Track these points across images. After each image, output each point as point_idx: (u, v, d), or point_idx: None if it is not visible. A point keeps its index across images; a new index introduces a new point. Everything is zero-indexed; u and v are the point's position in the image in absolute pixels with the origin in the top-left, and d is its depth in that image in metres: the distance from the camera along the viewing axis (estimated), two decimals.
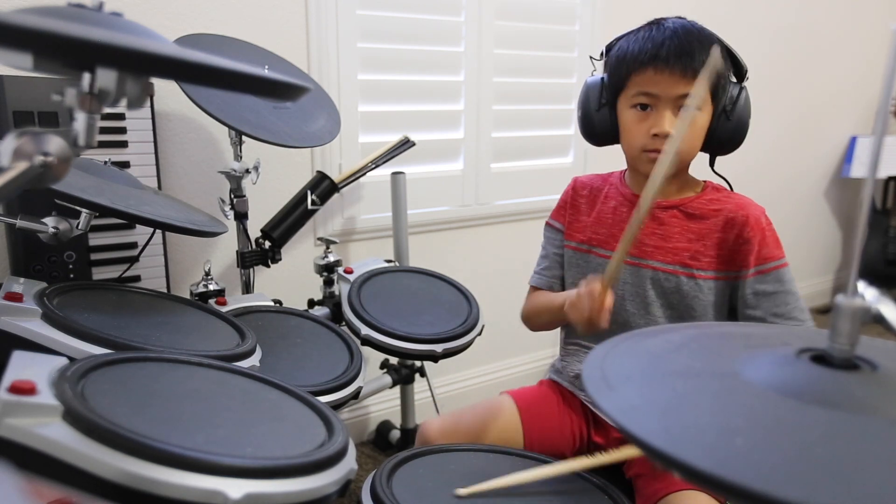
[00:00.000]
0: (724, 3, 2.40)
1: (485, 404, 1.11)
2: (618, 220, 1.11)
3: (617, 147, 1.09)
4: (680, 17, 1.02)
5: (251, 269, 1.43)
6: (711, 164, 1.10)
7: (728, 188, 1.10)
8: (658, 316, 1.06)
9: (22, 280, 0.83)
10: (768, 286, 1.01)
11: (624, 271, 1.08)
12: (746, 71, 1.04)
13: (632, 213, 1.07)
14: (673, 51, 0.96)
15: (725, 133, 1.02)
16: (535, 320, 1.19)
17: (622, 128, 1.05)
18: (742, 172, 1.13)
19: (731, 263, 1.03)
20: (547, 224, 1.22)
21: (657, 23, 1.01)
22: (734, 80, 1.04)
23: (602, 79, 1.07)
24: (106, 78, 0.52)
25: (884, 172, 2.87)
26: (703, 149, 1.05)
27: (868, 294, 0.46)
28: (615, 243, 1.09)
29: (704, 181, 1.10)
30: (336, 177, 1.48)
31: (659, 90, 0.98)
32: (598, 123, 1.07)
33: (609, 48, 1.06)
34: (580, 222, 1.15)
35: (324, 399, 0.91)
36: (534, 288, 1.21)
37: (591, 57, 1.12)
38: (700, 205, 1.06)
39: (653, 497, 0.95)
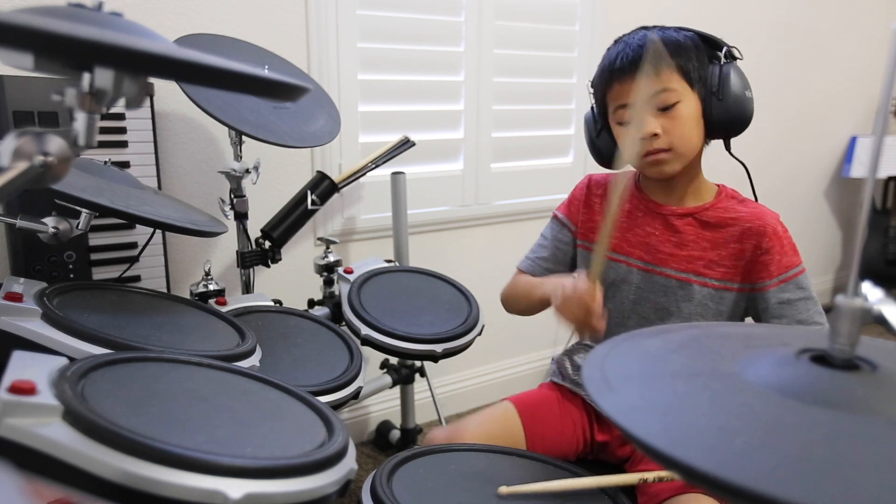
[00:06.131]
0: (722, 2, 2.40)
1: (486, 412, 1.11)
2: (632, 225, 1.11)
3: None
4: (647, 28, 1.04)
5: (251, 269, 1.43)
6: (727, 147, 1.08)
7: (747, 174, 1.10)
8: (669, 324, 1.06)
9: (22, 280, 0.82)
10: (791, 294, 1.00)
11: (637, 277, 1.09)
12: (727, 49, 1.02)
13: (647, 219, 1.09)
14: (628, 59, 0.99)
15: (722, 113, 1.00)
16: (512, 304, 1.21)
17: (619, 144, 1.07)
18: (742, 171, 1.13)
19: (748, 275, 1.03)
20: (555, 217, 1.21)
21: (617, 41, 1.05)
22: (718, 60, 1.01)
23: (592, 107, 1.11)
24: (103, 77, 0.52)
25: (884, 172, 2.87)
26: (711, 135, 1.04)
27: (871, 295, 0.46)
28: (628, 248, 1.10)
29: (718, 185, 1.10)
30: (336, 177, 1.48)
31: (630, 98, 1.00)
32: (602, 147, 1.11)
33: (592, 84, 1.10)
34: (594, 222, 1.15)
35: (324, 399, 0.90)
36: (521, 271, 1.22)
37: (587, 85, 1.14)
38: (715, 213, 1.05)
39: (657, 497, 0.95)
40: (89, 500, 0.52)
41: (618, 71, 1.01)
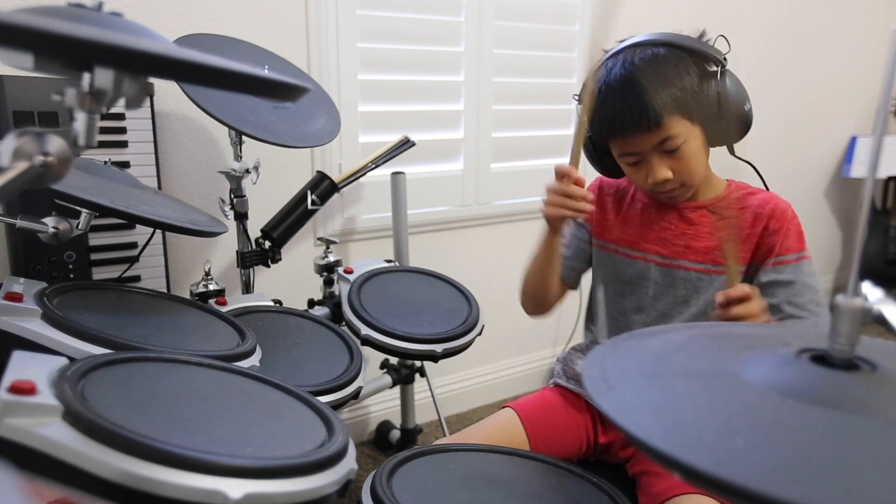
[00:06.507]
0: (722, 2, 2.40)
1: (488, 421, 1.10)
2: (646, 221, 1.11)
3: None
4: (634, 49, 1.00)
5: (251, 269, 1.43)
6: (731, 151, 1.08)
7: (755, 171, 1.11)
8: (690, 315, 1.07)
9: (22, 280, 0.82)
10: (786, 276, 1.01)
11: (656, 273, 1.09)
12: (721, 59, 0.99)
13: (662, 213, 1.10)
14: (628, 118, 0.97)
15: (723, 128, 1.01)
16: (525, 286, 1.17)
17: (624, 171, 1.08)
18: (742, 171, 1.13)
19: (755, 257, 1.04)
20: None
21: (604, 80, 1.00)
22: (711, 72, 0.99)
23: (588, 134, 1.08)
24: (103, 77, 0.52)
25: (884, 172, 2.86)
26: (714, 145, 1.05)
27: (871, 295, 0.46)
28: (644, 244, 1.11)
29: (727, 180, 1.11)
30: (336, 177, 1.48)
31: (635, 149, 1.01)
32: (605, 170, 1.12)
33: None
34: (607, 221, 1.16)
35: (324, 399, 0.90)
36: None
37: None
38: (728, 204, 1.07)
39: (658, 497, 0.95)
40: (89, 500, 0.52)
41: (619, 129, 1.00)
